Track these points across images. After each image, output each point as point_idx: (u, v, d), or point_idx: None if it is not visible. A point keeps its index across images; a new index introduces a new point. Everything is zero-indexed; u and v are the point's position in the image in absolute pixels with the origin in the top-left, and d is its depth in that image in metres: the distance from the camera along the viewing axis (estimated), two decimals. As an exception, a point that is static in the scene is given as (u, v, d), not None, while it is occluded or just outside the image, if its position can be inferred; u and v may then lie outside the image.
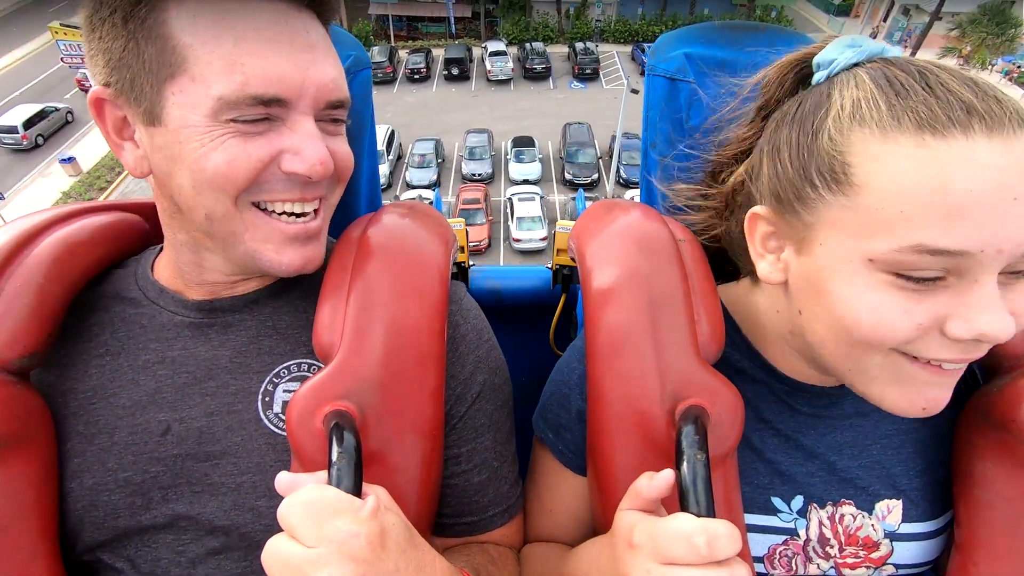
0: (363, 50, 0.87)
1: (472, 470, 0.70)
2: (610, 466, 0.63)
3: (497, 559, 0.71)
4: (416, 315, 0.63)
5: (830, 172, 0.52)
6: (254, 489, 0.64)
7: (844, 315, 0.53)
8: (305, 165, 0.59)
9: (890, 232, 0.49)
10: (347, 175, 0.67)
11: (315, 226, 0.64)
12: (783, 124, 0.59)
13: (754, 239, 0.62)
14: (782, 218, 0.58)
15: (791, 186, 0.56)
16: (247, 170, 0.58)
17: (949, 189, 0.46)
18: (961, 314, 0.49)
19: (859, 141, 0.51)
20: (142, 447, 0.64)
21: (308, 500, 0.47)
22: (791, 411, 0.69)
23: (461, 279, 1.33)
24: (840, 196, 0.52)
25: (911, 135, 0.48)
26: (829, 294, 0.54)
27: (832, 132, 0.53)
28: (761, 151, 0.62)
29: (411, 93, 22.48)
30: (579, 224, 0.78)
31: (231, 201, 0.59)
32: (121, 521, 0.63)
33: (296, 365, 0.68)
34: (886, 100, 0.50)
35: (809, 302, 0.58)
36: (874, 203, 0.49)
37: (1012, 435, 0.61)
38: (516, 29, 25.83)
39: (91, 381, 0.67)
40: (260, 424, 0.65)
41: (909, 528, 0.68)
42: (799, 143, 0.56)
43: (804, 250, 0.57)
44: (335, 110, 0.63)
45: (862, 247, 0.51)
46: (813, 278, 0.56)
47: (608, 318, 0.64)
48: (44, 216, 0.70)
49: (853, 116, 0.52)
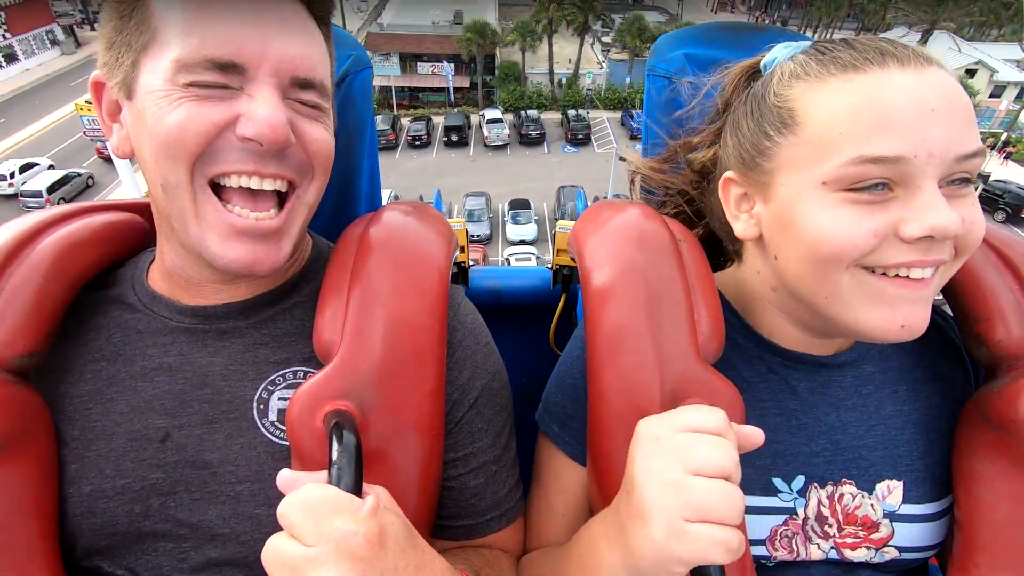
0: (363, 51, 0.87)
1: (469, 474, 0.70)
2: (610, 466, 0.63)
3: (493, 562, 0.71)
4: (416, 314, 0.64)
5: (779, 120, 0.61)
6: (253, 498, 0.64)
7: (810, 236, 0.59)
8: (256, 127, 0.56)
9: (835, 152, 0.56)
10: (324, 164, 0.64)
11: (270, 224, 0.61)
12: (739, 106, 0.69)
13: (728, 203, 0.68)
14: (748, 176, 0.65)
15: (751, 145, 0.64)
16: (199, 132, 0.56)
17: (875, 106, 0.55)
18: (910, 216, 0.55)
19: (798, 90, 0.60)
20: (141, 454, 0.64)
21: (308, 499, 0.47)
22: (791, 391, 0.70)
23: (461, 279, 1.34)
24: (790, 136, 0.60)
25: (838, 76, 0.58)
26: (795, 224, 0.60)
27: (776, 90, 0.62)
28: (725, 133, 0.71)
29: (412, 159, 23.58)
30: (579, 224, 0.78)
31: (185, 171, 0.57)
32: (120, 528, 0.63)
33: (292, 373, 0.67)
34: (816, 58, 0.61)
35: (780, 241, 0.63)
36: (817, 132, 0.58)
37: (1012, 435, 0.61)
38: (512, 98, 27.24)
39: (86, 386, 0.66)
40: (257, 432, 0.65)
41: (910, 509, 0.68)
42: (752, 111, 0.65)
43: (769, 195, 0.63)
44: (305, 91, 0.61)
45: (815, 174, 0.58)
46: (781, 215, 0.61)
47: (608, 317, 0.64)
48: (44, 216, 0.69)
49: (792, 75, 0.62)
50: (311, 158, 0.63)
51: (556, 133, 25.40)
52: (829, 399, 0.70)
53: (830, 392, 0.70)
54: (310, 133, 0.62)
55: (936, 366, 0.73)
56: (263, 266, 0.62)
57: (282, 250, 0.63)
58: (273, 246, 0.62)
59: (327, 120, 0.65)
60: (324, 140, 0.64)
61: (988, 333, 0.66)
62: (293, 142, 0.59)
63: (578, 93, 27.67)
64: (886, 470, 0.69)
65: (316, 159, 0.63)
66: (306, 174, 0.63)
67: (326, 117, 0.65)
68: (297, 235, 0.65)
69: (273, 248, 0.62)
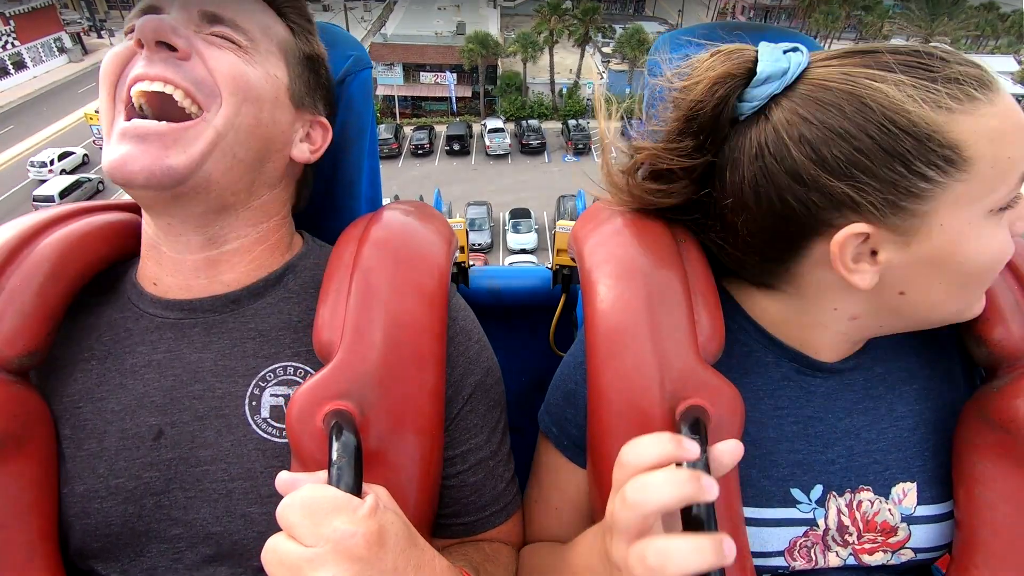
0: (364, 51, 0.87)
1: (467, 471, 0.70)
2: (610, 465, 0.62)
3: (493, 556, 0.71)
4: (417, 314, 0.63)
5: (944, 159, 0.53)
6: (245, 496, 0.63)
7: (980, 264, 0.57)
8: (138, 24, 0.60)
9: (1004, 178, 0.54)
10: (232, 89, 0.62)
11: (151, 127, 0.59)
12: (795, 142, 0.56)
13: (846, 258, 0.58)
14: (885, 222, 0.56)
15: (888, 190, 0.54)
16: (113, 58, 0.62)
17: (1019, 122, 0.54)
18: (1020, 215, 0.58)
19: (963, 120, 0.53)
20: (134, 452, 0.63)
21: (307, 499, 0.47)
22: (807, 395, 0.69)
23: (461, 279, 1.33)
24: (957, 174, 0.53)
25: (979, 99, 0.53)
26: (958, 258, 0.56)
27: (938, 116, 0.53)
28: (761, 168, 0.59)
29: (415, 167, 23.78)
30: (579, 224, 0.78)
31: (107, 94, 0.63)
32: (113, 529, 0.62)
33: (282, 368, 0.67)
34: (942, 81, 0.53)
35: (922, 279, 0.58)
36: (989, 163, 0.53)
37: (1012, 435, 0.61)
38: (513, 107, 27.46)
39: (77, 385, 0.66)
40: (249, 429, 0.65)
41: (925, 511, 0.68)
42: (882, 146, 0.53)
43: (916, 240, 0.56)
44: (215, 25, 0.64)
45: (984, 205, 0.55)
46: (936, 255, 0.56)
47: (607, 317, 0.64)
48: (44, 215, 0.69)
49: (958, 97, 0.53)
50: (214, 78, 0.62)
51: (556, 143, 25.63)
52: (842, 404, 0.69)
53: (843, 397, 0.69)
54: (213, 57, 0.62)
55: (943, 365, 0.73)
56: (136, 165, 0.59)
57: (166, 159, 0.59)
58: (154, 150, 0.59)
59: (251, 56, 0.65)
60: (230, 63, 0.63)
61: (987, 333, 0.66)
62: (179, 45, 0.60)
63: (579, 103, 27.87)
64: (900, 473, 0.68)
65: (220, 81, 0.62)
66: (213, 96, 0.62)
67: (247, 54, 0.65)
68: (198, 157, 0.61)
69: (154, 152, 0.59)
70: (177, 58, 0.61)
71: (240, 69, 0.64)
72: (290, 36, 0.71)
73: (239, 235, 0.69)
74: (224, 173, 0.64)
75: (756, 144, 0.60)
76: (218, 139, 0.62)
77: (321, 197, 0.86)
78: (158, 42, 0.60)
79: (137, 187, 0.60)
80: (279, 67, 0.68)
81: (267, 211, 0.71)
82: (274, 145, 0.68)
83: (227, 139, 0.63)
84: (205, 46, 0.63)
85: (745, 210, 0.62)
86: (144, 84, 0.60)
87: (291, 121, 0.70)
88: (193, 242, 0.67)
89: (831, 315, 0.65)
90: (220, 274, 0.69)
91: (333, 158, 0.83)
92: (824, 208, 0.57)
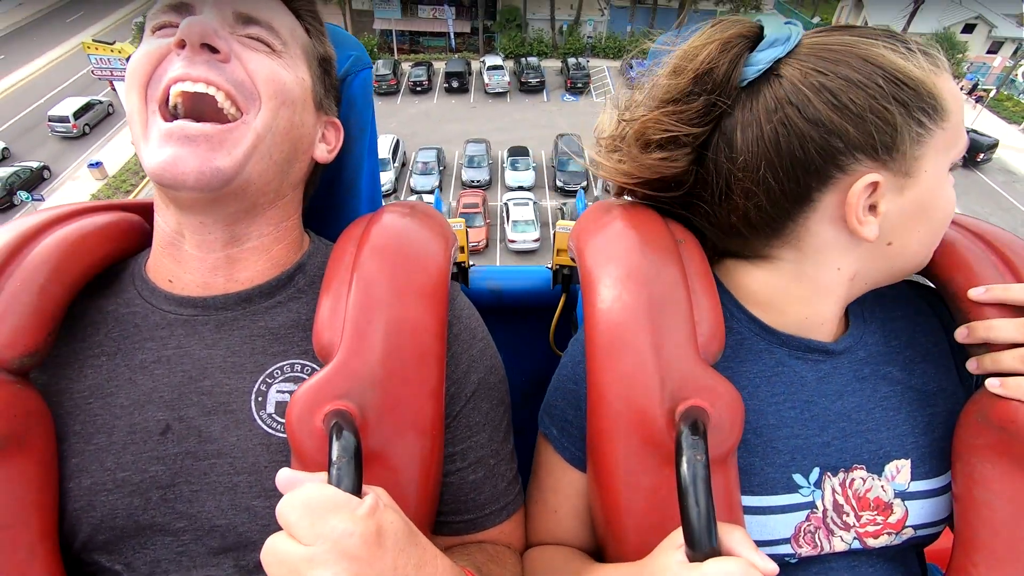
0: (364, 51, 0.87)
1: (468, 468, 0.71)
2: (610, 466, 0.63)
3: (496, 557, 0.71)
4: (416, 314, 0.64)
5: (932, 108, 0.61)
6: (250, 489, 0.64)
7: (946, 212, 0.65)
8: (181, 27, 0.60)
9: (961, 135, 0.63)
10: (272, 93, 0.64)
11: (198, 129, 0.59)
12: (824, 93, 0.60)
13: (859, 208, 0.62)
14: (889, 166, 0.61)
15: (891, 132, 0.60)
16: (145, 57, 0.62)
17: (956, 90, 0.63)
18: None
19: (938, 78, 0.61)
20: (141, 446, 0.64)
21: (306, 498, 0.47)
22: (800, 379, 0.70)
23: (461, 279, 1.34)
24: (942, 123, 0.61)
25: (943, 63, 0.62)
26: (933, 205, 0.64)
27: (924, 74, 0.60)
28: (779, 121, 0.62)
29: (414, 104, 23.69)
30: (579, 224, 0.78)
31: (139, 96, 0.62)
32: (119, 522, 0.63)
33: (289, 366, 0.68)
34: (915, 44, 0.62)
35: (907, 227, 0.64)
36: (956, 120, 0.62)
37: (1012, 436, 0.61)
38: (512, 44, 27.03)
39: (87, 381, 0.66)
40: (254, 424, 0.65)
41: (919, 486, 0.69)
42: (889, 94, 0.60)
43: (909, 183, 0.62)
44: (250, 26, 0.64)
45: (949, 156, 0.63)
46: (921, 201, 0.63)
47: (608, 318, 0.64)
48: (44, 216, 0.70)
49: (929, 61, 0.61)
50: (254, 81, 0.63)
51: (556, 81, 25.41)
52: (834, 387, 0.71)
53: (834, 380, 0.71)
54: (252, 60, 0.64)
55: (928, 344, 0.75)
56: (187, 167, 0.60)
57: (214, 161, 0.61)
58: (201, 151, 0.60)
59: (284, 60, 0.67)
60: (270, 69, 0.64)
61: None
62: (220, 47, 0.61)
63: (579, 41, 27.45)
64: (893, 451, 0.70)
65: (260, 84, 0.63)
66: (252, 99, 0.64)
67: (280, 58, 0.66)
68: (242, 158, 0.63)
69: (201, 153, 0.60)
70: (218, 59, 0.62)
71: (277, 73, 0.65)
72: (308, 38, 0.73)
73: (260, 233, 0.70)
74: (260, 175, 0.66)
75: (774, 99, 0.62)
76: (258, 141, 0.64)
77: (321, 196, 0.86)
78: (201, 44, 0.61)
79: (187, 188, 0.61)
80: (305, 70, 0.70)
81: (287, 210, 0.73)
82: (301, 146, 0.71)
83: (266, 142, 0.65)
84: (242, 48, 0.64)
85: (758, 169, 0.64)
86: (186, 85, 0.61)
87: (314, 123, 0.73)
88: (218, 240, 0.68)
89: (834, 276, 0.67)
90: (237, 272, 0.70)
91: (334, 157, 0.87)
92: (842, 153, 0.60)
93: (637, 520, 0.63)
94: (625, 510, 0.63)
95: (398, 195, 18.24)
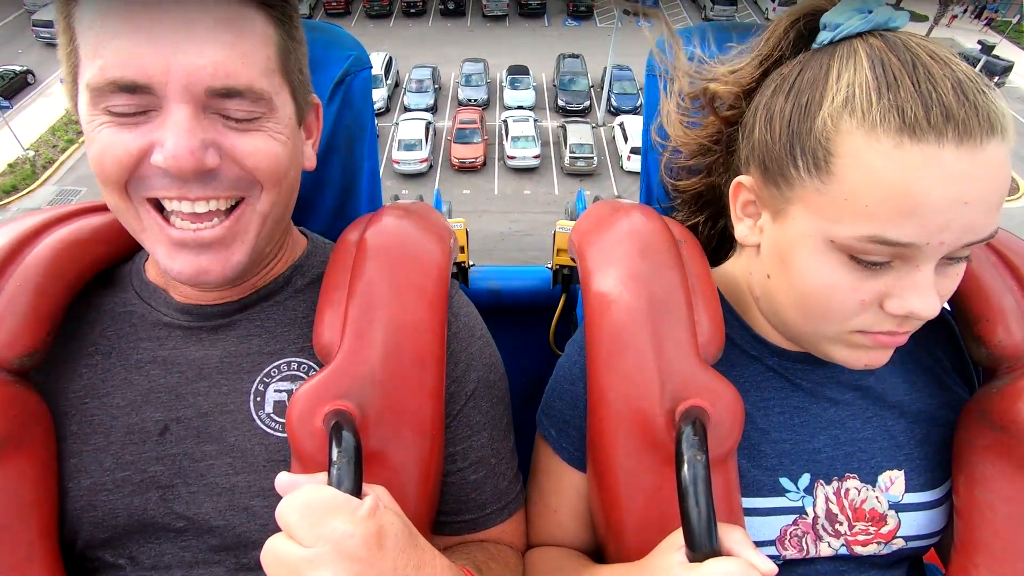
0: (364, 51, 0.86)
1: (468, 468, 0.71)
2: (610, 466, 0.64)
3: (497, 556, 0.71)
4: (416, 315, 0.64)
5: (813, 157, 0.55)
6: (248, 489, 0.64)
7: (806, 285, 0.58)
8: (163, 157, 0.53)
9: (853, 221, 0.53)
10: (270, 175, 0.60)
11: (211, 235, 0.59)
12: (780, 91, 0.60)
13: (736, 204, 0.65)
14: (764, 187, 0.61)
15: (777, 160, 0.59)
16: (116, 162, 0.55)
17: (912, 192, 0.50)
18: (898, 294, 0.55)
19: (846, 132, 0.53)
20: (140, 447, 0.64)
21: (306, 500, 0.47)
22: (792, 387, 0.70)
23: (461, 279, 1.34)
24: (816, 180, 0.55)
25: (892, 136, 0.51)
26: (792, 265, 0.59)
27: (824, 117, 0.54)
28: (756, 110, 0.63)
29: (407, 27, 22.72)
30: (579, 225, 0.79)
31: (119, 195, 0.58)
32: (119, 520, 0.64)
33: (286, 364, 0.68)
34: (877, 92, 0.52)
35: (776, 268, 0.62)
36: (845, 193, 0.53)
37: (1012, 435, 0.61)
38: (512, -33, 25.91)
39: (82, 380, 0.66)
40: (252, 424, 0.66)
41: (913, 498, 0.69)
42: (791, 118, 0.58)
43: (778, 220, 0.60)
44: (230, 100, 0.56)
45: (826, 229, 0.55)
46: (782, 247, 0.60)
47: (608, 319, 0.65)
48: (43, 216, 0.70)
49: (845, 105, 0.53)
50: (250, 172, 0.59)
51: (557, 6, 24.35)
52: (828, 394, 0.71)
53: (829, 387, 0.71)
54: (242, 148, 0.58)
55: (931, 357, 0.74)
56: (211, 275, 0.60)
57: (232, 258, 0.61)
58: (220, 255, 0.60)
59: (271, 126, 0.59)
60: (263, 151, 0.59)
61: (988, 334, 0.66)
62: (212, 165, 0.56)
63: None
64: (887, 461, 0.69)
65: (257, 173, 0.59)
66: (252, 187, 0.60)
67: (268, 123, 0.59)
68: (253, 242, 0.62)
69: (221, 257, 0.60)
70: (210, 168, 0.56)
71: (274, 156, 0.60)
72: (276, 33, 0.60)
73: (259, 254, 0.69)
74: (268, 239, 0.66)
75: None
76: (264, 220, 0.63)
77: (321, 197, 0.87)
78: None
79: (210, 284, 0.62)
80: (288, 102, 0.62)
81: (282, 226, 0.71)
82: (297, 181, 0.68)
83: (271, 216, 0.64)
84: (229, 137, 0.57)
85: None
86: (184, 205, 0.58)
87: (302, 143, 0.69)
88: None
89: (747, 280, 0.71)
90: (236, 284, 0.70)
91: (333, 158, 0.86)
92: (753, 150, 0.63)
93: (637, 520, 0.64)
94: (625, 510, 0.64)
95: (391, 114, 17.43)
